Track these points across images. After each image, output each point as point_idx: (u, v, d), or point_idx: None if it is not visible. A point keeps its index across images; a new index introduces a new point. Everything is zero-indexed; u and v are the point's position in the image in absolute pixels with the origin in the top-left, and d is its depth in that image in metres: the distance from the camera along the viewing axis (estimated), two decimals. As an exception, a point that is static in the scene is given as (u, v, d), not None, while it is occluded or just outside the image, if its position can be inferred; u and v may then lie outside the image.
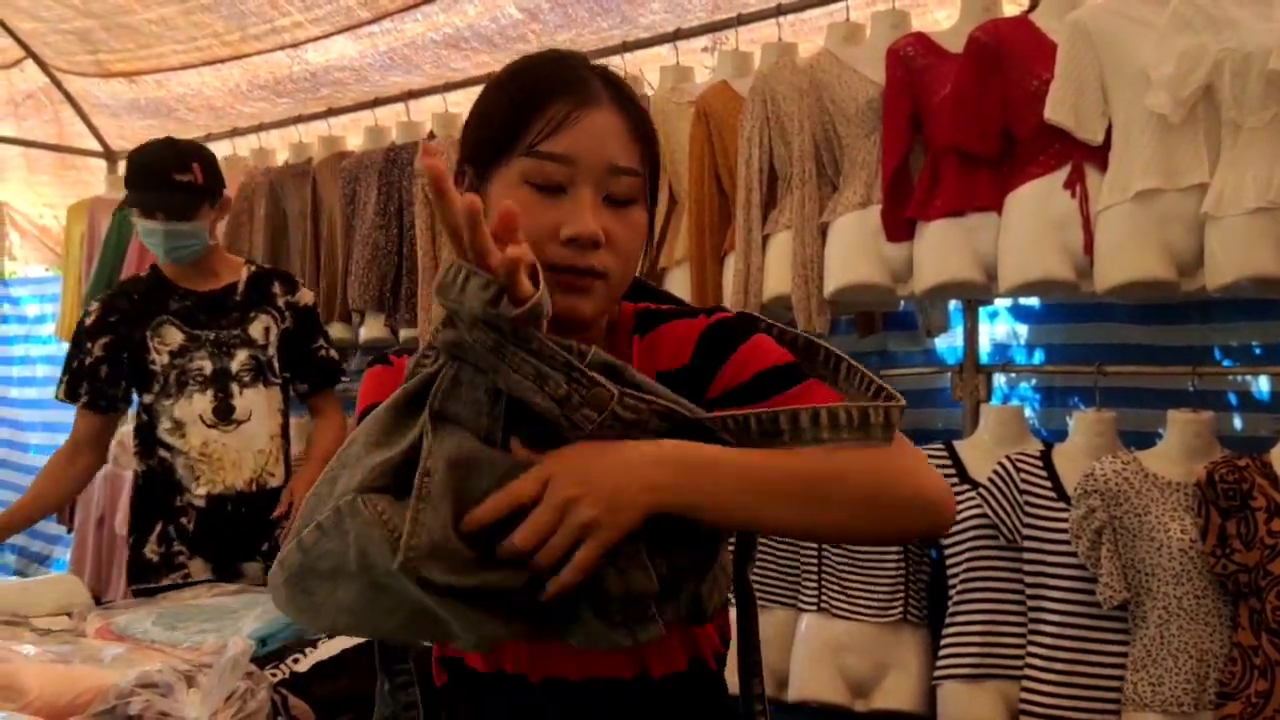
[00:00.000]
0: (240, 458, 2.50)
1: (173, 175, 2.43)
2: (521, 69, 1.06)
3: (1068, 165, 2.30)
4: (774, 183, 2.73)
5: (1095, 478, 2.23)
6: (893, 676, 2.57)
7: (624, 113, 1.03)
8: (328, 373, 2.65)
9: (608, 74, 1.06)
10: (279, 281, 2.61)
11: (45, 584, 2.30)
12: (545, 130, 1.00)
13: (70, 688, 1.52)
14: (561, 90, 1.01)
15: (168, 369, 2.49)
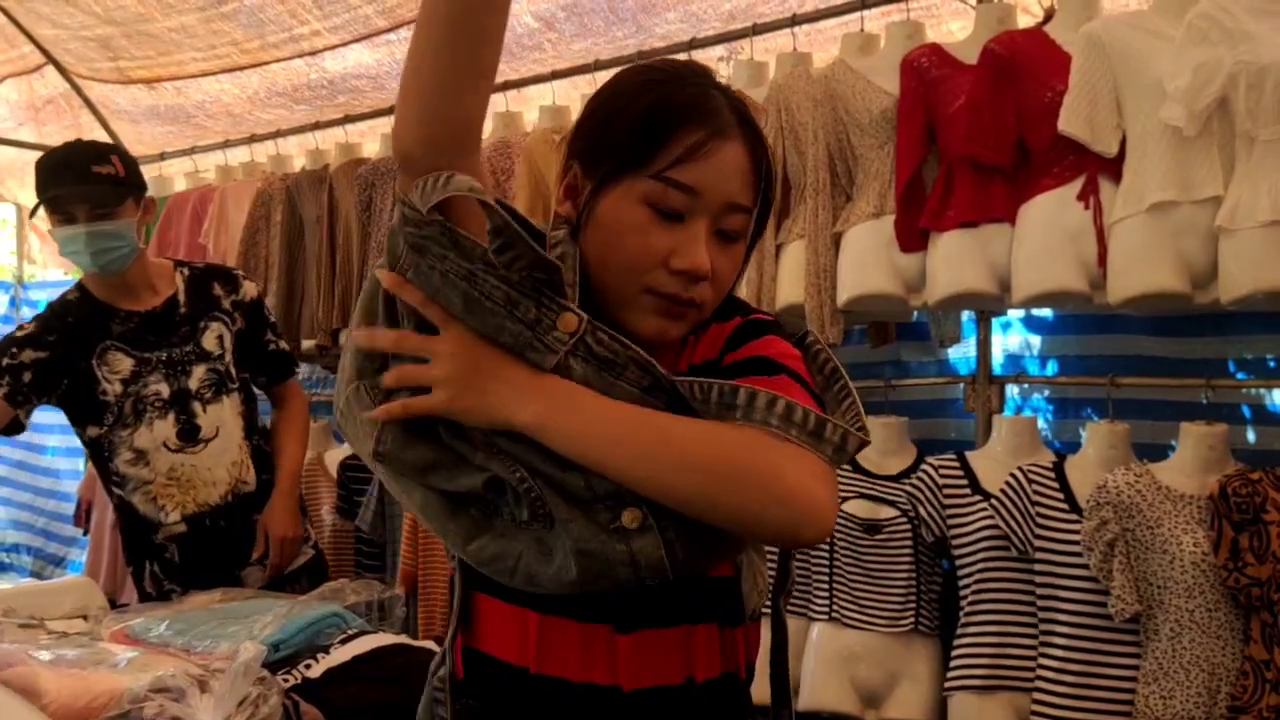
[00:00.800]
0: (213, 475, 2.40)
1: (91, 167, 2.24)
2: (658, 81, 1.04)
3: (1082, 177, 2.30)
4: (788, 192, 2.73)
5: (1108, 490, 2.22)
6: (904, 687, 2.57)
7: (751, 148, 1.03)
8: (283, 364, 2.60)
9: (737, 102, 1.05)
10: (218, 282, 2.45)
11: (60, 587, 2.32)
12: (678, 158, 0.99)
13: (85, 691, 1.54)
14: (698, 117, 1.00)
15: (121, 398, 2.34)
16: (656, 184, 0.99)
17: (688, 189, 0.99)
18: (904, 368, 3.05)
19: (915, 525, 2.56)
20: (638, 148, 1.00)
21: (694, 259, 1.00)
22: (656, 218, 1.00)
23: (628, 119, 1.01)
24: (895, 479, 2.66)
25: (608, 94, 1.06)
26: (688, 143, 0.99)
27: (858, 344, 3.07)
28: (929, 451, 2.68)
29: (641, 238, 1.00)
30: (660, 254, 1.00)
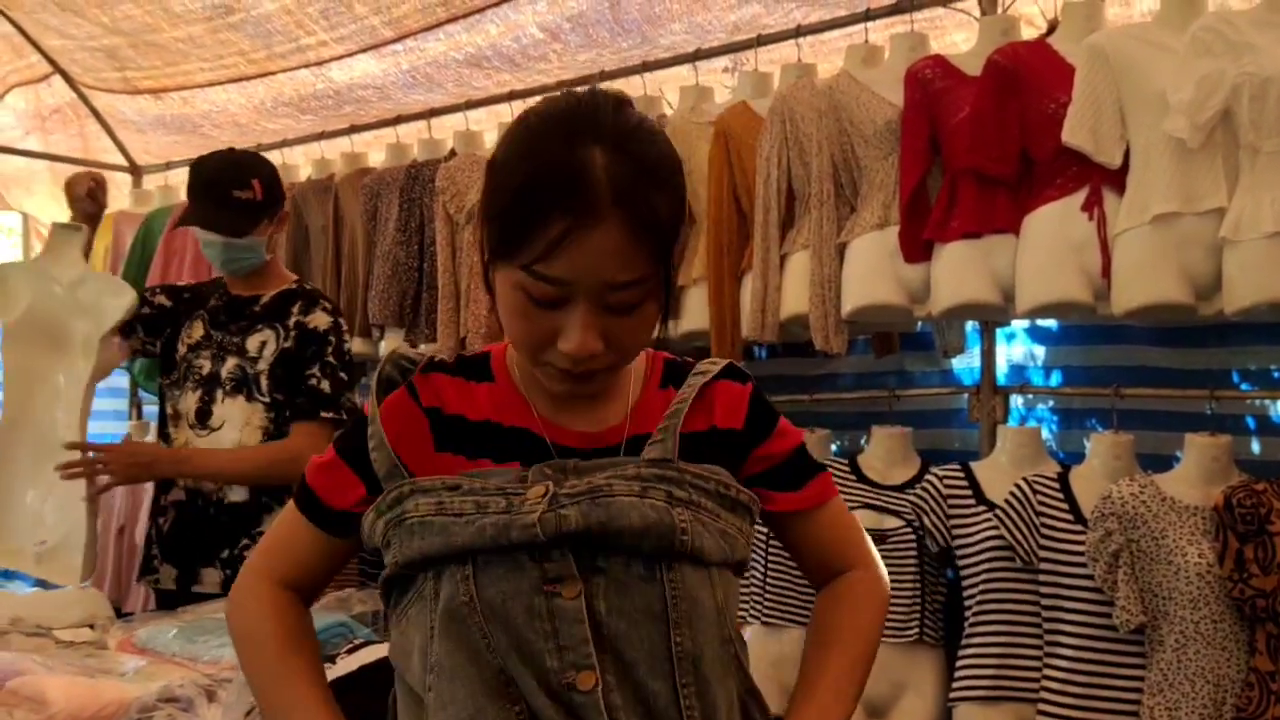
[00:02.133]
0: None
1: (232, 192, 2.42)
2: (533, 150, 0.98)
3: (1086, 188, 2.30)
4: (792, 203, 2.74)
5: (1112, 500, 2.23)
6: (908, 697, 2.57)
7: (630, 223, 0.96)
8: (311, 400, 2.43)
9: (620, 165, 0.96)
10: (301, 300, 2.51)
11: (67, 596, 2.32)
12: (542, 252, 0.95)
13: (93, 701, 1.55)
14: (563, 204, 0.94)
15: (182, 360, 2.53)
16: (525, 275, 0.97)
17: (556, 281, 0.96)
18: (908, 378, 3.05)
19: (920, 535, 2.56)
20: (504, 239, 0.97)
21: (575, 345, 0.99)
22: (535, 303, 0.99)
23: (500, 202, 0.98)
24: (900, 489, 2.66)
25: (499, 151, 1.02)
26: (550, 235, 0.94)
27: (862, 354, 3.07)
28: (933, 462, 2.69)
29: (525, 322, 1.00)
30: (545, 336, 1.00)
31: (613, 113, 0.99)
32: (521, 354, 1.06)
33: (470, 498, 1.02)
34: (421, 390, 1.10)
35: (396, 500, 1.05)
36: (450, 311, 3.32)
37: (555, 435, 1.08)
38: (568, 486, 1.01)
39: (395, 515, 1.05)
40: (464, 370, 1.13)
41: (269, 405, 2.45)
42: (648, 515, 1.00)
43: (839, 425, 3.03)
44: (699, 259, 2.88)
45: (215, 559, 2.44)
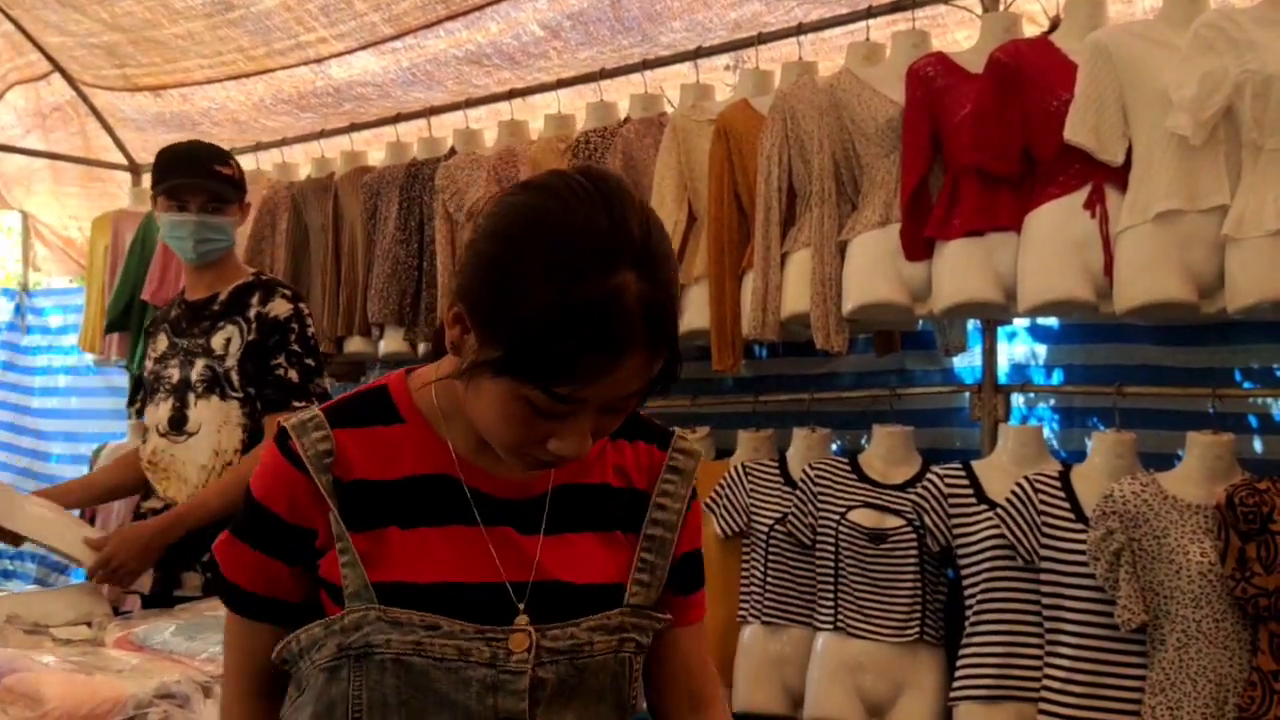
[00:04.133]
0: (185, 470, 2.42)
1: (214, 165, 2.46)
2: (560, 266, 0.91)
3: (1088, 186, 2.30)
4: (793, 201, 2.73)
5: (1114, 499, 2.22)
6: (909, 696, 2.56)
7: (655, 346, 0.94)
8: (278, 392, 2.38)
9: (650, 293, 0.93)
10: (259, 291, 2.46)
11: (65, 594, 2.31)
12: (566, 378, 0.92)
13: (89, 698, 1.53)
14: (597, 339, 0.91)
15: (150, 374, 2.52)
16: (543, 395, 0.93)
17: (574, 401, 0.94)
18: (909, 377, 3.04)
19: (921, 534, 2.55)
20: (522, 362, 0.92)
21: (572, 449, 0.97)
22: (536, 412, 0.95)
23: (521, 317, 0.91)
24: (901, 488, 2.65)
25: (498, 252, 0.94)
26: (580, 366, 0.92)
27: (863, 353, 3.06)
28: (934, 461, 2.68)
29: (519, 429, 0.97)
30: (538, 439, 0.98)
31: (638, 220, 0.94)
32: (497, 446, 1.01)
33: (452, 642, 1.00)
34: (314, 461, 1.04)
35: (357, 625, 1.00)
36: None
37: (478, 481, 1.05)
38: (550, 637, 1.03)
39: (356, 643, 1.00)
40: (366, 415, 1.07)
41: (243, 400, 2.42)
42: (616, 672, 1.07)
43: (840, 424, 3.02)
44: (699, 257, 2.87)
45: (195, 563, 2.39)
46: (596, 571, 1.07)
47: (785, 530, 2.72)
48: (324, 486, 1.03)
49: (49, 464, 5.21)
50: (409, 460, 1.05)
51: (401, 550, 1.03)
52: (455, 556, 1.03)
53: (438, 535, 1.03)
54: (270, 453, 1.06)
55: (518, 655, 1.01)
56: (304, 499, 1.04)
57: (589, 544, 1.08)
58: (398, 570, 1.02)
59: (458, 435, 1.06)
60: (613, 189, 0.96)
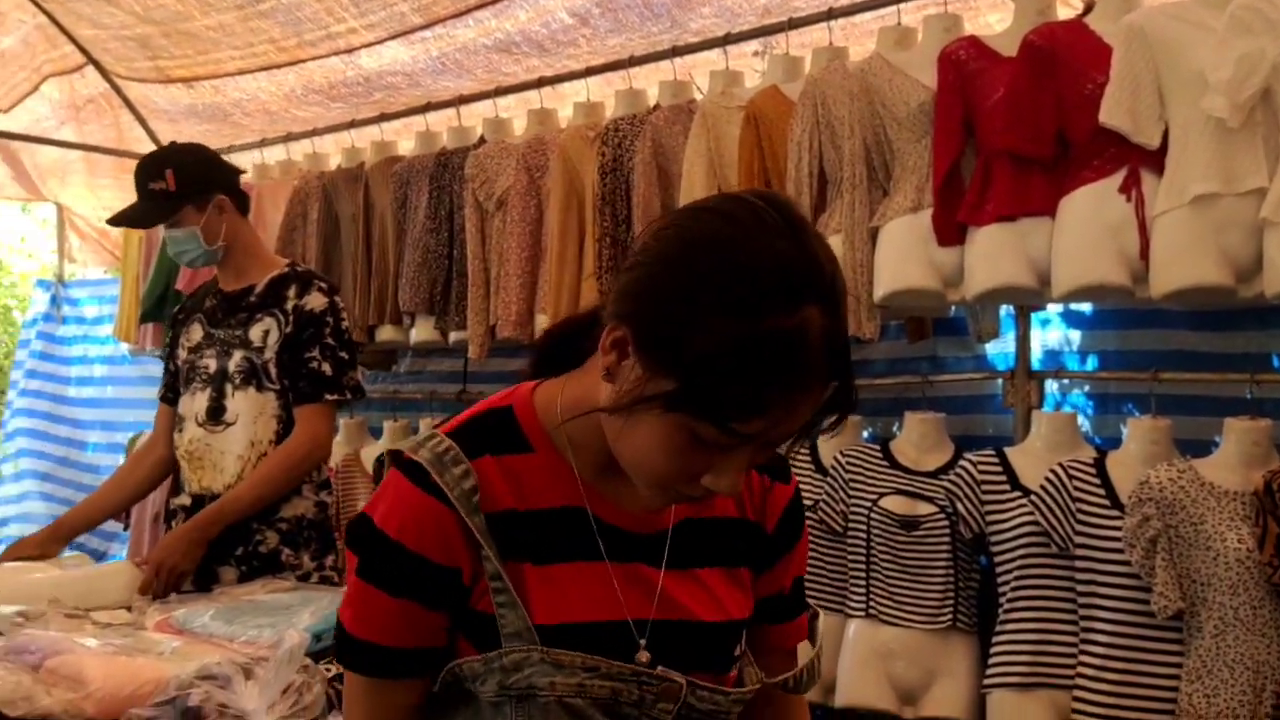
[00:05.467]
0: (221, 460, 2.44)
1: (148, 185, 2.46)
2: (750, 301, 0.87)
3: (1124, 169, 2.27)
4: (824, 187, 2.72)
5: (1150, 486, 2.20)
6: (941, 684, 2.56)
7: (832, 381, 0.92)
8: (311, 384, 2.41)
9: (833, 328, 0.90)
10: (296, 284, 2.48)
11: (108, 573, 2.33)
12: (746, 412, 0.89)
13: (131, 679, 1.56)
14: (784, 374, 0.88)
15: (184, 364, 2.53)
16: (715, 430, 0.90)
17: (748, 437, 0.91)
18: (941, 363, 3.03)
19: (953, 521, 2.54)
20: (706, 396, 0.89)
21: (727, 486, 0.94)
22: (700, 445, 0.92)
23: (701, 350, 0.88)
24: (933, 475, 2.64)
25: (677, 278, 0.90)
26: (762, 400, 0.88)
27: (894, 339, 3.05)
28: (967, 447, 2.66)
29: (677, 460, 0.93)
30: (694, 473, 0.94)
31: (824, 250, 0.93)
32: (642, 477, 0.97)
33: (609, 683, 0.99)
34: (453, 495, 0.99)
35: (518, 666, 0.98)
36: (480, 299, 3.33)
37: (605, 513, 1.03)
38: (698, 698, 1.04)
39: (519, 683, 0.98)
40: (497, 442, 1.02)
41: (279, 393, 2.44)
42: None
43: (871, 411, 3.01)
44: (730, 244, 2.86)
45: (230, 558, 2.42)
46: (719, 609, 1.07)
47: (816, 518, 2.71)
48: (478, 528, 0.97)
49: (86, 452, 5.28)
50: (539, 492, 1.01)
51: (538, 586, 1.00)
52: (584, 592, 1.01)
53: (570, 571, 1.01)
54: (404, 488, 0.98)
55: (663, 705, 1.02)
56: (454, 538, 0.98)
57: (714, 579, 1.07)
58: (540, 607, 0.99)
59: (585, 463, 1.02)
60: (797, 216, 0.93)
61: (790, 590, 1.16)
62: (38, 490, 5.32)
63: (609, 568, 1.02)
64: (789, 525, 1.14)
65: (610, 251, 3.01)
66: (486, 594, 0.99)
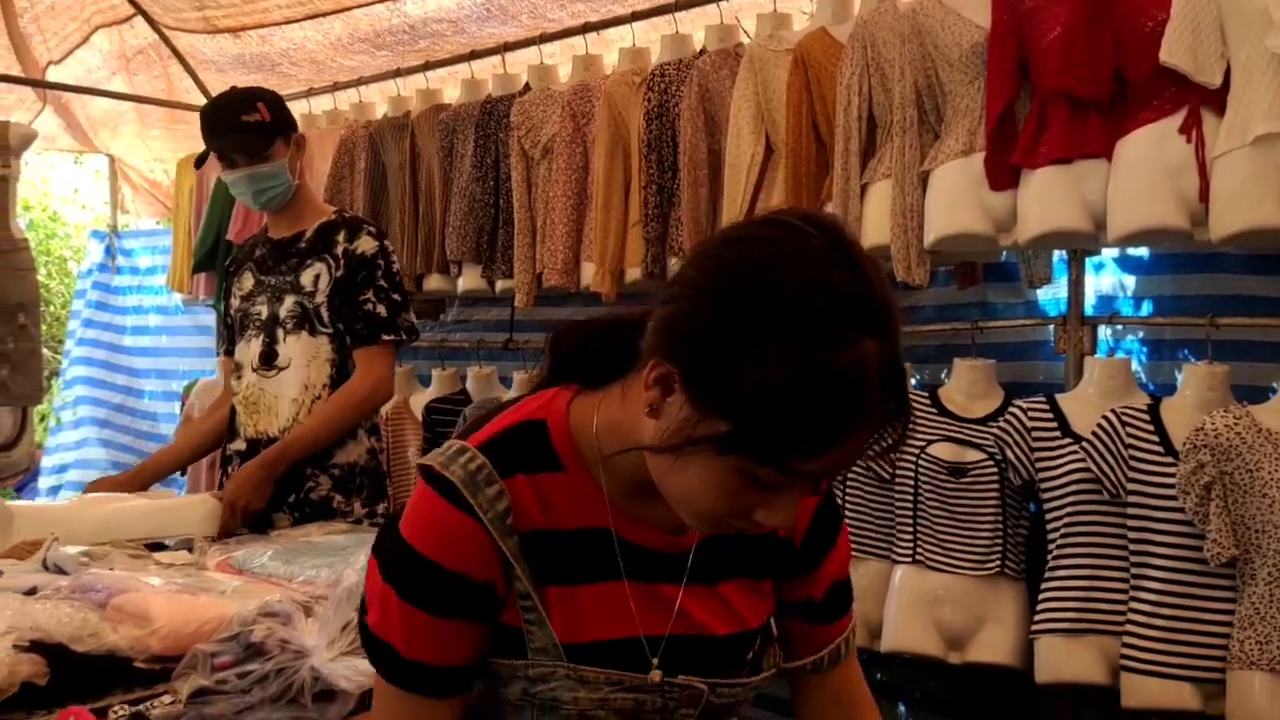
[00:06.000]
0: (276, 404, 2.49)
1: (240, 117, 2.46)
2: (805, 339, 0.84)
3: (1184, 109, 2.22)
4: (873, 131, 2.68)
5: (1206, 432, 2.17)
6: (989, 629, 2.56)
7: (890, 414, 0.90)
8: (369, 326, 2.46)
9: (889, 362, 0.88)
10: (345, 229, 2.52)
11: (189, 504, 2.40)
12: (804, 452, 0.87)
13: (195, 616, 1.60)
14: (847, 416, 0.86)
15: (238, 313, 2.57)
16: (774, 471, 0.88)
17: (806, 475, 0.89)
18: (990, 309, 2.99)
19: (1002, 468, 2.53)
20: (761, 438, 0.86)
21: (782, 520, 0.92)
22: (755, 484, 0.90)
23: (756, 391, 0.84)
24: (982, 422, 2.62)
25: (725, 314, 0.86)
26: (821, 438, 0.86)
27: (944, 285, 3.02)
28: (1016, 394, 2.64)
29: (732, 500, 0.91)
30: (746, 510, 0.92)
31: (877, 277, 0.89)
32: (695, 516, 0.94)
33: (632, 695, 1.00)
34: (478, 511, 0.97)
35: (543, 678, 0.99)
36: (526, 247, 3.34)
37: (631, 533, 1.02)
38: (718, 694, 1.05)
39: (543, 694, 0.99)
40: (528, 459, 0.99)
41: (332, 337, 2.49)
42: None
43: (920, 359, 2.99)
44: (777, 190, 2.84)
45: (283, 504, 2.47)
46: (736, 621, 1.07)
47: (864, 465, 2.71)
48: (511, 551, 0.97)
49: (142, 400, 5.39)
50: (567, 512, 1.00)
51: (560, 605, 1.00)
52: (603, 611, 1.01)
53: (592, 591, 1.01)
54: (438, 506, 0.97)
55: (685, 710, 1.03)
56: (488, 554, 0.97)
57: (734, 593, 1.07)
58: (561, 626, 0.99)
59: (617, 486, 1.00)
60: (849, 242, 0.89)
61: (822, 599, 1.14)
62: (96, 437, 5.45)
63: (628, 586, 1.01)
64: (818, 536, 1.11)
65: (656, 199, 3.00)
66: (514, 608, 0.99)
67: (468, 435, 1.01)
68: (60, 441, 5.54)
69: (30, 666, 1.42)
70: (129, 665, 1.52)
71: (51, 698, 1.43)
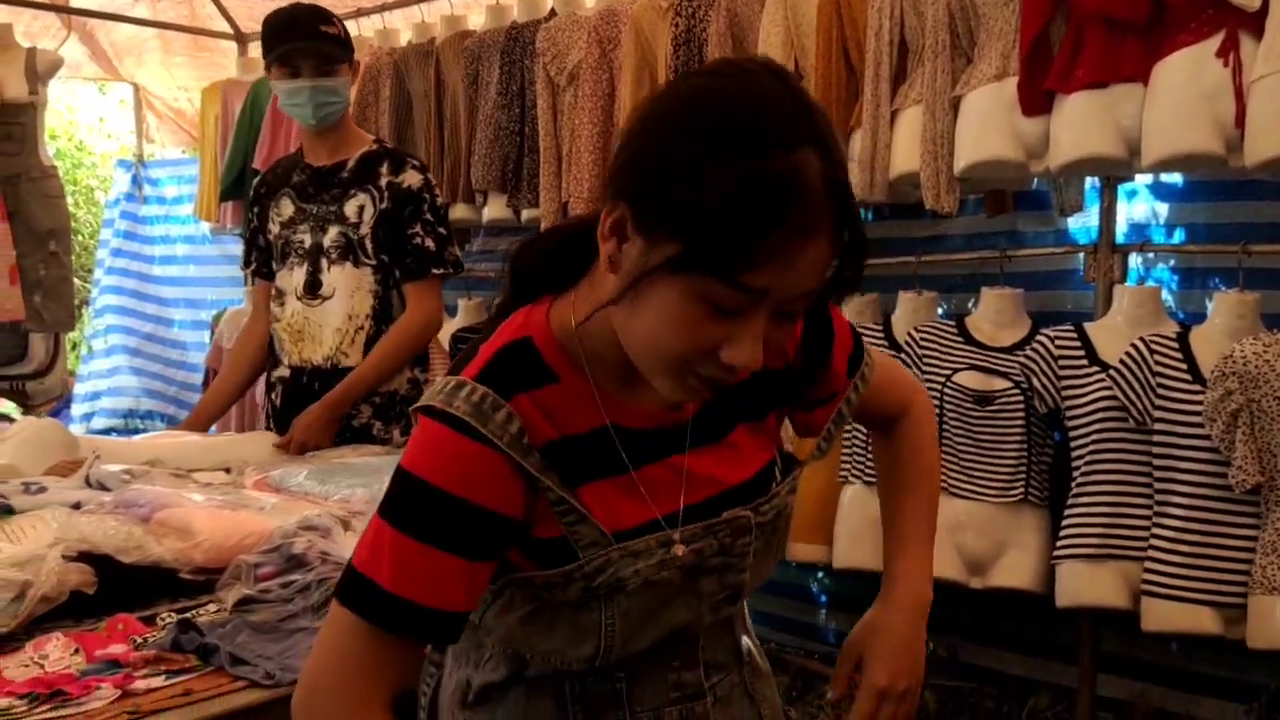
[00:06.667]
0: (320, 333, 2.52)
1: (319, 26, 2.47)
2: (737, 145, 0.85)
3: (1221, 32, 2.18)
4: (904, 55, 2.65)
5: (1234, 359, 2.17)
6: (1011, 555, 2.59)
7: (837, 230, 0.89)
8: (418, 260, 2.49)
9: (831, 171, 0.88)
10: (388, 161, 2.54)
11: (249, 440, 2.50)
12: (752, 262, 0.86)
13: (236, 530, 1.65)
14: (784, 215, 0.85)
15: (277, 239, 2.58)
16: (722, 286, 0.87)
17: (756, 291, 0.87)
18: (1020, 238, 2.98)
19: (1028, 397, 2.54)
20: (708, 247, 0.86)
21: (748, 357, 0.90)
22: (712, 312, 0.89)
23: (699, 199, 0.85)
24: (1008, 351, 2.63)
25: (670, 138, 0.88)
26: (767, 247, 0.85)
27: (973, 214, 3.00)
28: (1044, 323, 2.64)
29: (690, 332, 0.89)
30: (709, 346, 0.90)
31: (813, 101, 0.91)
32: (658, 364, 0.93)
33: (689, 547, 1.03)
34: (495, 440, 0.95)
35: (601, 569, 0.99)
36: (552, 176, 3.33)
37: (630, 420, 1.02)
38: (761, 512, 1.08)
39: (605, 583, 0.99)
40: (524, 377, 0.99)
41: (375, 268, 2.51)
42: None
43: (947, 288, 2.99)
44: (806, 116, 2.81)
45: None
46: (746, 466, 1.08)
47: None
48: (535, 466, 0.96)
49: (171, 329, 5.45)
50: (571, 419, 1.00)
51: (593, 500, 1.01)
52: (622, 502, 1.02)
53: (605, 487, 1.01)
54: (450, 439, 0.94)
55: (741, 541, 1.05)
56: (506, 482, 0.96)
57: (741, 438, 1.09)
58: (601, 517, 1.00)
59: (606, 378, 1.01)
60: (784, 70, 0.91)
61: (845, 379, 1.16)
62: (128, 365, 5.52)
63: (635, 475, 1.02)
64: (813, 345, 1.11)
65: (684, 125, 2.97)
66: (548, 521, 0.99)
67: (459, 371, 1.00)
68: (92, 369, 5.61)
69: (79, 575, 1.47)
70: (174, 576, 1.57)
71: (100, 606, 1.48)
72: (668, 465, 1.04)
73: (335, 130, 2.56)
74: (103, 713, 1.20)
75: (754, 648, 1.19)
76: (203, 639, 1.36)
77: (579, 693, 1.07)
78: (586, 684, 1.06)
